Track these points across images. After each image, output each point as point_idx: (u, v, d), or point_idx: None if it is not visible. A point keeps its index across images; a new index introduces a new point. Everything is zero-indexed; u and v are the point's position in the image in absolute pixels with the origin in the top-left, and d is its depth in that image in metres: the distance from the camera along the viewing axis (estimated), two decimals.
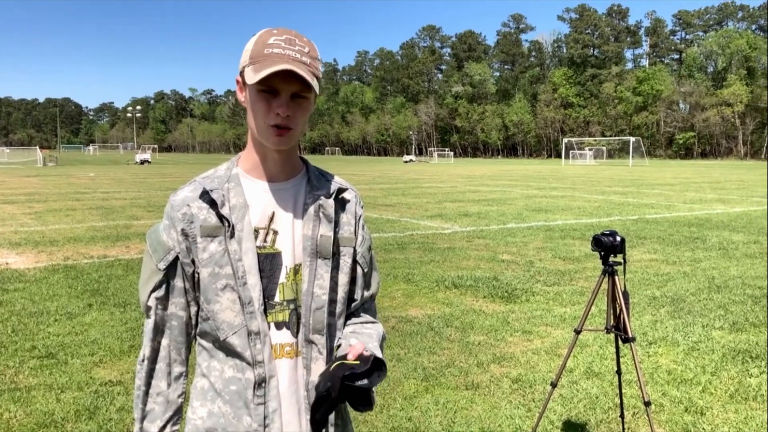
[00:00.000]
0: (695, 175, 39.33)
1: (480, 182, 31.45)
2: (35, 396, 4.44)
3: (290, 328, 1.51)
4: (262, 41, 1.44)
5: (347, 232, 1.59)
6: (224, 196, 1.49)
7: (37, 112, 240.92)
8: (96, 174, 39.50)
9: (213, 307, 1.48)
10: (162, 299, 1.51)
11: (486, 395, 4.48)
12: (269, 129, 1.45)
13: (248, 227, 1.48)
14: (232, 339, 1.48)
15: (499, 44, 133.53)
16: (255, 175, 1.53)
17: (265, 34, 1.46)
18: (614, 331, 3.46)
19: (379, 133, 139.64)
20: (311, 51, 1.47)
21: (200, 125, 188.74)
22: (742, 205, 18.64)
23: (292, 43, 1.44)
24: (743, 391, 4.56)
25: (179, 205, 1.50)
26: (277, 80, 1.41)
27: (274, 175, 1.53)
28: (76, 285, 7.79)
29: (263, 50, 1.43)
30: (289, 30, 1.48)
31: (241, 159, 1.56)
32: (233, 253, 1.46)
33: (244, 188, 1.52)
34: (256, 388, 1.48)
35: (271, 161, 1.52)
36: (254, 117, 1.47)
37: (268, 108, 1.44)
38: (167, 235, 1.50)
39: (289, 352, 1.51)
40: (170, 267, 1.49)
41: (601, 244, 3.38)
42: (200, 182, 1.52)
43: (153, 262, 1.51)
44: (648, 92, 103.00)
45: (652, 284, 7.93)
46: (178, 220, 1.49)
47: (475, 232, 12.61)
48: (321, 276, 1.53)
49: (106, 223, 14.04)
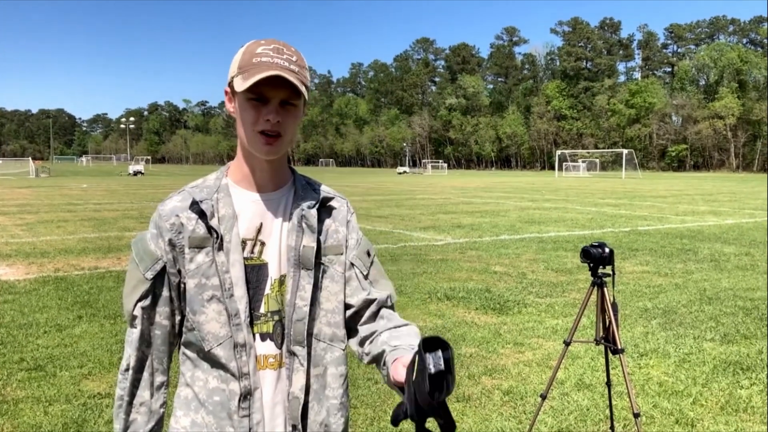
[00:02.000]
0: (687, 188, 39.52)
1: (473, 194, 31.51)
2: (23, 409, 4.40)
3: (274, 340, 1.50)
4: (250, 51, 1.45)
5: (334, 241, 1.57)
6: (213, 207, 1.49)
7: (30, 123, 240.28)
8: (89, 185, 39.38)
9: (199, 318, 1.48)
10: (147, 309, 1.49)
11: (477, 407, 4.47)
12: (258, 136, 1.45)
13: (236, 239, 1.48)
14: (217, 350, 1.47)
15: (492, 57, 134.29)
16: (244, 185, 1.53)
17: (253, 44, 1.47)
18: (603, 342, 3.46)
19: (373, 145, 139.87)
20: (299, 60, 1.47)
21: (194, 137, 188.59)
22: (734, 217, 18.72)
23: (280, 51, 1.45)
24: (734, 402, 4.56)
25: (168, 215, 1.49)
26: (266, 87, 1.42)
27: (262, 185, 1.53)
28: (66, 297, 7.74)
29: (251, 59, 1.43)
30: (276, 40, 1.49)
31: (230, 169, 1.56)
32: (221, 265, 1.46)
33: (233, 199, 1.51)
34: (242, 401, 1.47)
35: (260, 171, 1.52)
36: (243, 125, 1.47)
37: (257, 115, 1.44)
38: (155, 244, 1.49)
39: (273, 363, 1.50)
40: (157, 276, 1.49)
41: (590, 256, 3.39)
42: (189, 192, 1.52)
43: (140, 271, 1.49)
44: (640, 105, 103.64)
45: (644, 296, 7.94)
46: (166, 230, 1.48)
47: (468, 244, 12.62)
48: (303, 287, 1.52)
49: (98, 234, 13.98)
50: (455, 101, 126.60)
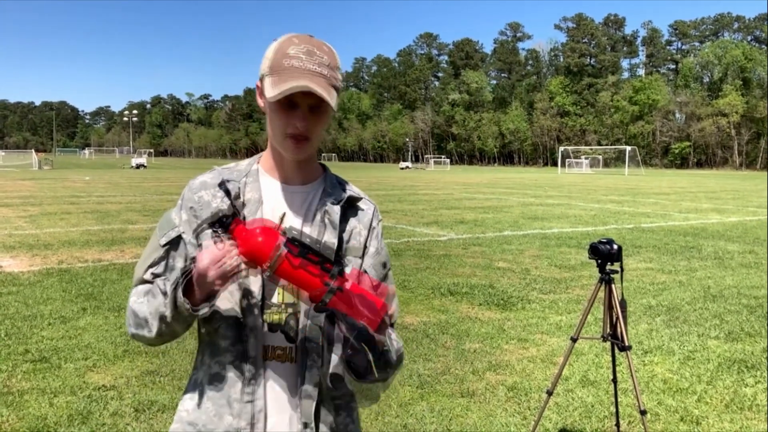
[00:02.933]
0: (691, 185, 39.45)
1: (476, 190, 31.48)
2: (28, 400, 4.40)
3: (285, 332, 1.47)
4: (282, 51, 1.44)
5: (356, 242, 1.57)
6: (240, 189, 1.52)
7: (33, 115, 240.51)
8: (91, 178, 39.41)
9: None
10: (159, 276, 1.49)
11: (481, 403, 4.47)
12: (287, 139, 1.47)
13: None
14: (225, 330, 1.47)
15: (496, 52, 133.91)
16: (273, 175, 1.57)
17: (286, 42, 1.46)
18: (610, 339, 3.46)
19: (375, 140, 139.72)
20: (331, 61, 1.46)
21: (197, 130, 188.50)
22: (738, 215, 18.69)
23: (312, 54, 1.43)
24: (738, 400, 4.55)
25: (197, 188, 1.54)
26: (295, 94, 1.42)
27: (290, 178, 1.56)
28: (70, 289, 7.75)
29: (283, 61, 1.42)
30: (310, 38, 1.48)
31: (262, 158, 1.60)
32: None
33: (260, 184, 1.55)
34: (246, 385, 1.46)
35: (288, 166, 1.55)
36: (272, 127, 1.49)
37: (287, 120, 1.46)
38: (176, 213, 1.53)
39: (281, 355, 1.49)
40: (172, 243, 1.50)
41: (598, 252, 3.38)
42: (220, 171, 1.57)
43: (157, 239, 1.52)
44: (644, 102, 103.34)
45: (647, 293, 7.93)
46: (193, 202, 1.53)
47: (471, 240, 12.61)
48: None
49: (101, 227, 13.99)
50: (458, 97, 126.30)
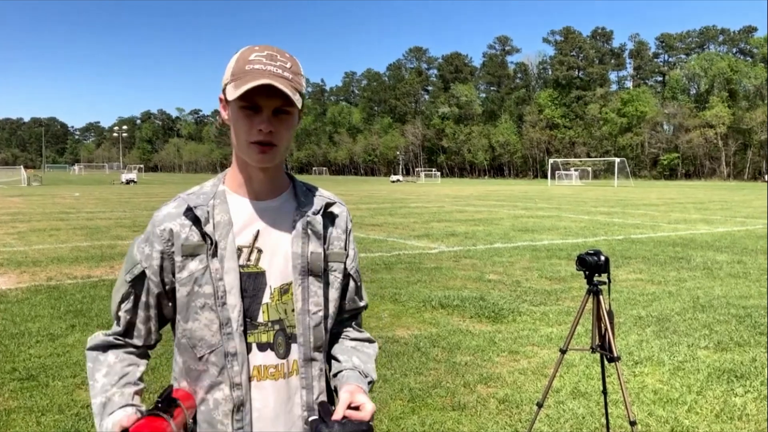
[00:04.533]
0: (679, 196, 39.71)
1: (467, 202, 31.55)
2: (15, 419, 4.36)
3: (275, 349, 1.48)
4: (244, 58, 1.43)
5: (337, 248, 1.57)
6: (209, 213, 1.46)
7: (22, 131, 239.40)
8: (81, 194, 39.22)
9: (191, 325, 1.46)
10: (129, 311, 1.51)
11: (473, 416, 4.46)
12: (252, 146, 1.43)
13: (231, 246, 1.45)
14: (210, 357, 1.45)
15: (485, 66, 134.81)
16: (241, 193, 1.51)
17: (247, 51, 1.45)
18: (599, 350, 3.47)
19: (366, 153, 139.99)
20: (293, 66, 1.45)
21: (187, 145, 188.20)
22: (726, 225, 18.82)
23: (274, 58, 1.42)
24: (729, 410, 4.57)
25: (160, 222, 1.48)
26: (258, 96, 1.40)
27: (259, 193, 1.51)
28: (58, 306, 7.69)
29: (244, 66, 1.41)
30: (270, 46, 1.46)
31: (227, 177, 1.54)
32: (215, 272, 1.43)
33: (229, 206, 1.49)
34: (235, 412, 1.45)
35: (257, 180, 1.50)
36: (236, 134, 1.45)
37: (250, 125, 1.42)
38: (139, 248, 1.50)
39: (274, 373, 1.47)
40: (136, 280, 1.49)
41: (586, 264, 3.40)
42: (185, 198, 1.50)
43: (123, 273, 1.52)
44: (632, 114, 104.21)
45: (637, 304, 7.96)
46: (157, 237, 1.47)
47: (462, 252, 12.62)
48: (315, 293, 1.51)
49: (91, 243, 13.91)
50: (448, 110, 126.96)
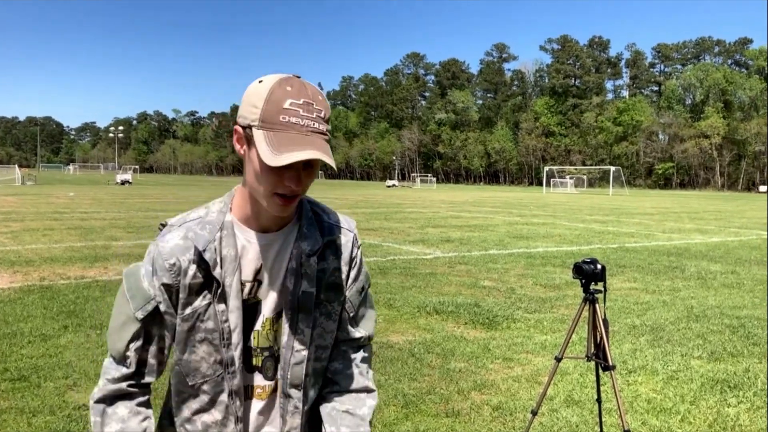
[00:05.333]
0: (674, 205, 39.84)
1: (462, 208, 31.58)
2: (6, 420, 4.32)
3: (263, 372, 1.48)
4: (276, 101, 1.27)
5: (336, 279, 1.51)
6: (216, 251, 1.39)
7: (17, 130, 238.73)
8: (75, 194, 39.09)
9: (188, 357, 1.45)
10: (139, 349, 1.43)
11: (466, 423, 4.45)
12: (274, 198, 1.34)
13: (237, 284, 1.42)
14: (203, 387, 1.46)
15: (482, 73, 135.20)
16: (248, 225, 1.44)
17: (278, 90, 1.28)
18: (594, 359, 3.46)
19: (362, 158, 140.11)
20: (326, 112, 1.32)
21: (183, 146, 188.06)
22: (720, 235, 18.88)
23: (310, 109, 1.28)
24: (722, 420, 4.57)
25: (168, 255, 1.39)
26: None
27: (267, 227, 1.45)
28: (51, 306, 7.65)
29: (278, 117, 1.26)
30: (304, 85, 1.31)
31: (234, 206, 1.45)
32: (220, 313, 1.41)
33: (236, 239, 1.43)
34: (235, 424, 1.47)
35: (266, 219, 1.43)
36: (258, 182, 1.33)
37: (279, 179, 1.31)
38: (149, 282, 1.40)
39: (260, 393, 1.49)
40: (149, 317, 1.41)
41: (582, 272, 3.40)
42: (193, 232, 1.40)
43: (130, 308, 1.41)
44: (628, 123, 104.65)
45: (632, 313, 7.97)
46: (165, 270, 1.39)
47: (457, 258, 12.63)
48: (301, 331, 1.48)
49: (85, 243, 13.85)
50: (445, 116, 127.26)
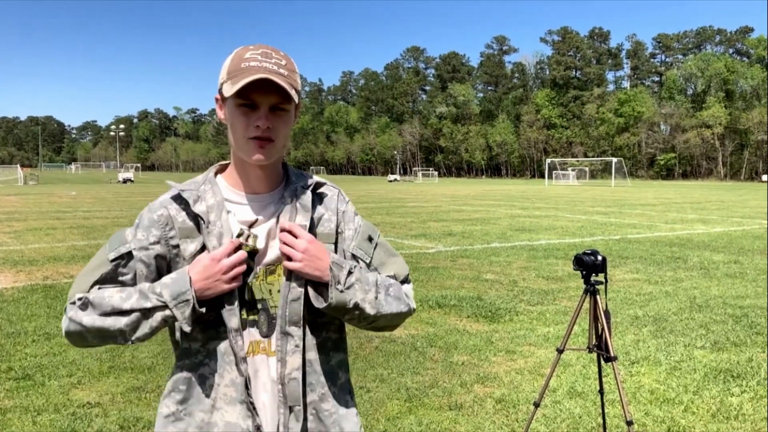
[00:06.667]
0: (676, 196, 39.78)
1: (464, 202, 31.57)
2: (11, 419, 4.34)
3: (259, 328, 1.49)
4: (239, 56, 1.45)
5: (327, 229, 1.56)
6: (199, 196, 1.49)
7: (18, 130, 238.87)
8: (78, 193, 39.15)
9: None
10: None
11: (469, 415, 4.46)
12: (250, 142, 1.44)
13: (227, 224, 1.47)
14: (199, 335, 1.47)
15: (482, 65, 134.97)
16: (238, 188, 1.53)
17: (242, 50, 1.47)
18: (596, 350, 3.47)
19: (363, 153, 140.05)
20: (288, 64, 1.47)
21: (184, 144, 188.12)
22: (723, 225, 18.85)
23: (269, 56, 1.44)
24: (725, 410, 4.57)
25: (157, 207, 1.50)
26: (255, 93, 1.41)
27: (256, 189, 1.53)
28: (55, 305, 7.67)
29: (240, 64, 1.43)
30: (265, 45, 1.48)
31: (225, 173, 1.56)
32: (212, 250, 1.44)
33: (222, 190, 1.52)
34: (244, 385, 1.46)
35: (254, 177, 1.52)
36: (234, 132, 1.46)
37: (247, 121, 1.43)
38: (131, 234, 1.49)
39: (265, 348, 1.50)
40: (120, 260, 1.46)
41: (583, 264, 3.40)
42: (176, 187, 1.53)
43: (105, 253, 1.48)
44: (629, 114, 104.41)
45: (634, 303, 7.97)
46: (154, 222, 1.48)
47: (459, 252, 12.63)
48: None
49: (87, 242, 13.88)
50: (445, 109, 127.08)
